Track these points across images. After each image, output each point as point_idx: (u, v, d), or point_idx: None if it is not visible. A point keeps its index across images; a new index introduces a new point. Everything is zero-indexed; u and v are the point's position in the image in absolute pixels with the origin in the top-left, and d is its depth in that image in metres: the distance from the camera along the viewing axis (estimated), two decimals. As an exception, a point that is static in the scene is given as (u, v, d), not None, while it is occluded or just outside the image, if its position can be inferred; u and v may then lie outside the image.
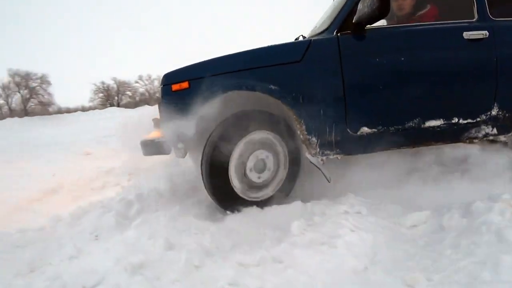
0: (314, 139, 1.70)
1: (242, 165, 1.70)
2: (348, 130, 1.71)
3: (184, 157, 1.84)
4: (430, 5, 1.95)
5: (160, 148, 1.77)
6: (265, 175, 1.74)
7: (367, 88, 1.71)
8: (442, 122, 1.77)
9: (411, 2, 1.93)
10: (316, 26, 2.08)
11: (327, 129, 1.70)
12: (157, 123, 1.93)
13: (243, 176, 1.71)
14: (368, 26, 1.70)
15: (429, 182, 1.83)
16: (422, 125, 1.76)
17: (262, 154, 1.72)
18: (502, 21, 1.81)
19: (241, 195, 1.71)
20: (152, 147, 1.79)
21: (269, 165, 1.74)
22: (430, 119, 1.76)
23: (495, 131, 1.86)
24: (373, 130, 1.73)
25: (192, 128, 1.69)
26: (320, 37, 1.73)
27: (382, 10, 1.52)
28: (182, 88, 1.71)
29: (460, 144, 1.93)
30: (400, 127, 1.75)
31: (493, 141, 1.95)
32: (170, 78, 1.75)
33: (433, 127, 1.77)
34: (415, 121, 1.75)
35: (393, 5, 1.97)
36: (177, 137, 1.71)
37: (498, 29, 1.79)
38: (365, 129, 1.72)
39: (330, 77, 1.67)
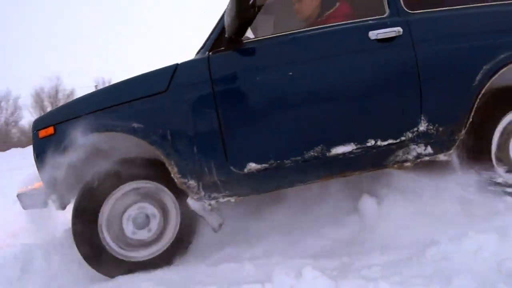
0: (192, 182, 1.42)
1: (118, 222, 1.47)
2: (232, 168, 1.41)
3: (64, 209, 1.64)
4: (340, 2, 1.61)
5: (36, 202, 1.59)
6: (151, 231, 1.50)
7: (248, 115, 1.41)
8: (354, 147, 1.41)
9: (311, 3, 1.61)
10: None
11: (206, 170, 1.41)
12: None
13: (122, 233, 1.47)
14: (249, 39, 1.43)
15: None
16: (328, 153, 1.41)
17: (140, 208, 1.49)
18: (421, 13, 1.44)
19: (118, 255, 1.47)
20: (28, 201, 1.62)
21: (154, 219, 1.49)
22: (337, 145, 1.40)
23: (429, 150, 1.47)
24: (264, 165, 1.41)
25: (63, 179, 1.49)
26: (187, 61, 1.47)
27: (241, 16, 1.22)
28: (48, 134, 1.52)
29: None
30: (298, 158, 1.41)
31: (431, 162, 1.54)
32: (37, 124, 1.58)
33: (343, 153, 1.42)
34: (317, 149, 1.40)
35: (296, 9, 1.67)
36: (49, 188, 1.53)
37: (415, 24, 1.42)
38: (252, 165, 1.40)
39: (202, 106, 1.40)
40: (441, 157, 1.49)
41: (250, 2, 1.19)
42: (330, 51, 1.42)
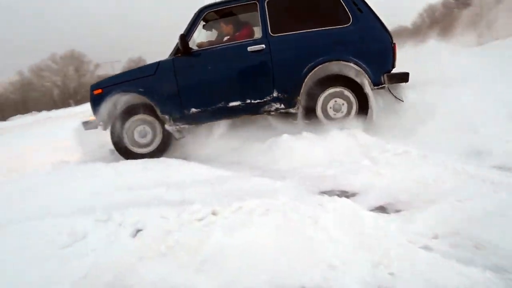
0: (167, 116, 3.04)
1: (131, 132, 3.13)
2: (184, 111, 3.02)
3: (106, 130, 3.31)
4: (244, 27, 3.08)
5: (92, 126, 3.27)
6: (147, 139, 3.16)
7: (192, 86, 2.98)
8: (240, 103, 2.96)
9: (228, 28, 3.09)
10: None
11: (172, 111, 3.02)
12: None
13: (133, 139, 3.15)
14: (193, 50, 2.95)
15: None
16: (227, 105, 2.97)
17: (142, 127, 3.14)
18: (278, 36, 2.89)
19: (132, 149, 3.15)
20: (88, 125, 3.30)
21: (150, 133, 3.15)
22: (231, 101, 2.96)
23: (283, 106, 2.99)
24: (198, 110, 3.00)
25: (105, 114, 3.15)
26: (163, 59, 3.02)
27: (186, 46, 2.78)
28: (99, 93, 3.17)
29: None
30: (213, 107, 2.99)
31: (289, 113, 3.06)
32: (93, 87, 3.22)
33: (235, 105, 2.97)
34: (222, 103, 2.97)
35: (221, 32, 3.16)
36: (99, 119, 3.19)
37: (273, 42, 2.88)
38: (193, 110, 3.01)
39: (170, 82, 2.98)
40: (292, 110, 3.00)
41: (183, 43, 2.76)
42: (231, 55, 2.93)
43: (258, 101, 2.98)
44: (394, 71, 2.93)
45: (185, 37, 2.86)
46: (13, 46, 50.65)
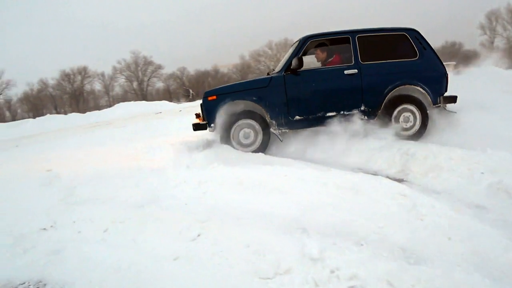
0: (274, 121, 3.70)
1: (237, 134, 3.72)
2: (289, 117, 3.71)
3: (213, 131, 3.87)
4: (335, 54, 3.91)
5: (203, 127, 3.81)
6: (250, 140, 3.76)
7: (298, 98, 3.69)
8: (335, 113, 3.74)
9: (323, 55, 3.89)
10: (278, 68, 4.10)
11: (279, 117, 3.70)
12: (197, 115, 4.01)
13: (239, 140, 3.74)
14: (300, 69, 3.68)
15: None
16: (325, 115, 3.73)
17: (247, 130, 3.75)
18: (367, 64, 3.74)
19: (237, 148, 3.73)
20: (199, 127, 3.83)
21: (252, 135, 3.76)
22: (328, 112, 3.73)
23: (366, 117, 3.81)
24: (301, 117, 3.72)
25: (218, 117, 3.72)
26: (275, 75, 3.72)
27: (298, 67, 3.52)
28: (213, 99, 3.75)
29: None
30: (314, 116, 3.72)
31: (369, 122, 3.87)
32: (207, 93, 3.79)
33: (331, 115, 3.74)
34: (321, 113, 3.72)
35: (316, 57, 3.95)
36: (209, 121, 3.75)
37: (363, 68, 3.73)
38: (297, 117, 3.71)
39: (281, 93, 3.67)
40: (372, 121, 3.82)
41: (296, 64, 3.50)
42: (331, 76, 3.71)
43: (349, 112, 3.77)
44: (446, 94, 3.91)
45: (295, 59, 3.61)
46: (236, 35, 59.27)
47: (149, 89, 50.27)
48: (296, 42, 4.12)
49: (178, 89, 47.01)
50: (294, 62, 3.57)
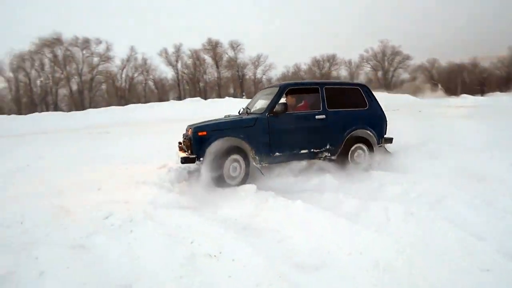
0: (257, 157, 4.20)
1: (227, 167, 4.11)
2: (270, 153, 4.26)
3: (201, 164, 4.16)
4: (304, 101, 4.64)
5: (192, 161, 4.08)
6: (236, 173, 4.18)
7: (278, 138, 4.28)
8: (307, 151, 4.44)
9: (293, 100, 4.59)
10: (255, 108, 4.64)
11: (262, 153, 4.22)
12: (180, 146, 4.27)
13: (228, 173, 4.12)
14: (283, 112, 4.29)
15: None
16: (299, 152, 4.40)
17: (235, 164, 4.17)
18: (332, 110, 4.56)
19: (226, 180, 4.11)
20: (187, 160, 4.08)
21: (238, 168, 4.19)
22: (302, 149, 4.41)
23: (329, 154, 4.61)
24: (280, 154, 4.31)
25: (207, 151, 4.05)
26: (260, 116, 4.26)
27: (283, 111, 4.13)
28: (203, 134, 4.06)
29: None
30: (290, 152, 4.36)
31: (330, 159, 4.69)
32: (197, 129, 4.08)
33: (304, 152, 4.42)
34: (296, 150, 4.38)
35: (287, 101, 4.62)
36: (200, 156, 4.05)
37: (329, 114, 4.53)
38: (277, 153, 4.29)
39: (264, 132, 4.20)
40: (333, 158, 4.64)
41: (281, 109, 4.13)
42: (305, 119, 4.42)
43: (317, 150, 4.51)
44: (386, 135, 5.00)
45: (280, 104, 4.22)
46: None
47: (393, 79, 50.50)
48: (272, 86, 4.76)
49: (424, 83, 41.83)
50: (280, 107, 4.17)
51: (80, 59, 43.64)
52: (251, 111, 4.67)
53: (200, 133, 4.06)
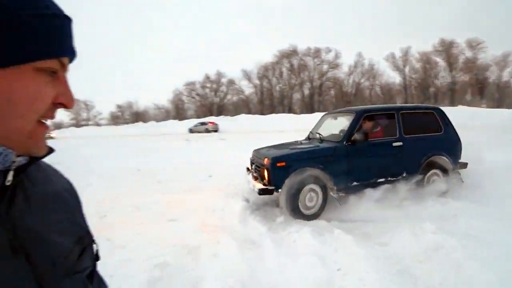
0: (335, 187, 4.11)
1: (303, 198, 4.04)
2: (348, 183, 4.16)
3: (278, 194, 4.11)
4: (379, 127, 4.51)
5: (270, 192, 4.03)
6: (313, 203, 4.10)
7: (357, 167, 4.17)
8: (384, 179, 4.31)
9: (368, 127, 4.45)
10: (327, 134, 4.55)
11: (341, 183, 4.12)
12: (251, 172, 4.24)
13: (304, 203, 4.05)
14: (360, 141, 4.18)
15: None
16: (377, 181, 4.27)
17: (311, 194, 4.09)
18: (408, 137, 4.41)
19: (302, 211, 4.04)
20: (265, 192, 4.03)
21: (315, 198, 4.11)
22: (379, 178, 4.28)
23: (405, 182, 4.46)
24: (357, 183, 4.19)
25: (286, 181, 3.99)
26: (338, 144, 4.16)
27: (362, 139, 4.02)
28: (282, 165, 4.01)
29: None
30: (367, 182, 4.24)
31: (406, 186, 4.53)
32: (276, 159, 4.03)
33: (380, 181, 4.29)
34: (374, 179, 4.25)
35: (363, 126, 4.50)
36: (276, 185, 4.00)
37: (406, 140, 4.38)
38: (355, 183, 4.18)
39: (343, 162, 4.11)
40: (409, 185, 4.48)
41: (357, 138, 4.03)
42: (382, 147, 4.29)
43: (394, 178, 4.37)
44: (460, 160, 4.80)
45: (360, 133, 4.12)
46: None
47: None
48: (345, 112, 4.65)
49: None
50: (359, 135, 4.06)
51: (311, 67, 48.43)
52: (323, 137, 4.59)
53: (279, 164, 4.01)
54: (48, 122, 0.49)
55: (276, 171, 3.99)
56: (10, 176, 0.46)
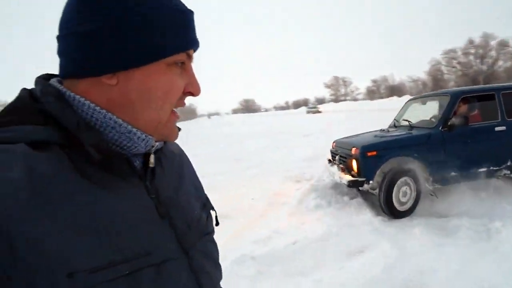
0: (430, 177, 3.73)
1: (397, 192, 3.70)
2: (445, 174, 3.76)
3: (373, 189, 3.81)
4: (476, 110, 4.04)
5: (360, 184, 3.74)
6: (406, 198, 3.76)
7: (455, 155, 3.76)
8: (485, 169, 3.85)
9: (465, 111, 3.99)
10: (421, 120, 4.16)
11: (437, 173, 3.73)
12: (333, 162, 3.98)
13: (398, 198, 3.71)
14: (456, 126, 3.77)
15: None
16: (477, 171, 3.83)
17: (405, 188, 3.74)
18: (511, 120, 3.92)
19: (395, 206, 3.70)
20: (355, 184, 3.75)
21: (408, 192, 3.75)
22: (480, 168, 3.83)
23: (509, 172, 3.97)
24: (455, 173, 3.77)
25: (379, 174, 3.68)
26: (433, 130, 3.77)
27: (462, 124, 3.61)
28: (373, 154, 3.70)
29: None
30: (467, 172, 3.81)
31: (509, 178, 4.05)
32: (365, 148, 3.72)
33: (481, 171, 3.85)
34: (474, 169, 3.81)
35: (458, 109, 4.06)
36: (367, 178, 3.70)
37: (509, 124, 3.90)
38: (452, 173, 3.76)
39: (439, 149, 3.71)
40: None
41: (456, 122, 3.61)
42: (482, 133, 3.83)
43: (496, 168, 3.91)
44: None
45: (458, 117, 3.70)
46: None
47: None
48: (437, 94, 4.24)
49: None
50: (458, 120, 3.65)
51: None
52: (412, 124, 4.20)
53: (369, 153, 3.70)
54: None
55: (366, 161, 3.69)
56: (152, 159, 0.51)
